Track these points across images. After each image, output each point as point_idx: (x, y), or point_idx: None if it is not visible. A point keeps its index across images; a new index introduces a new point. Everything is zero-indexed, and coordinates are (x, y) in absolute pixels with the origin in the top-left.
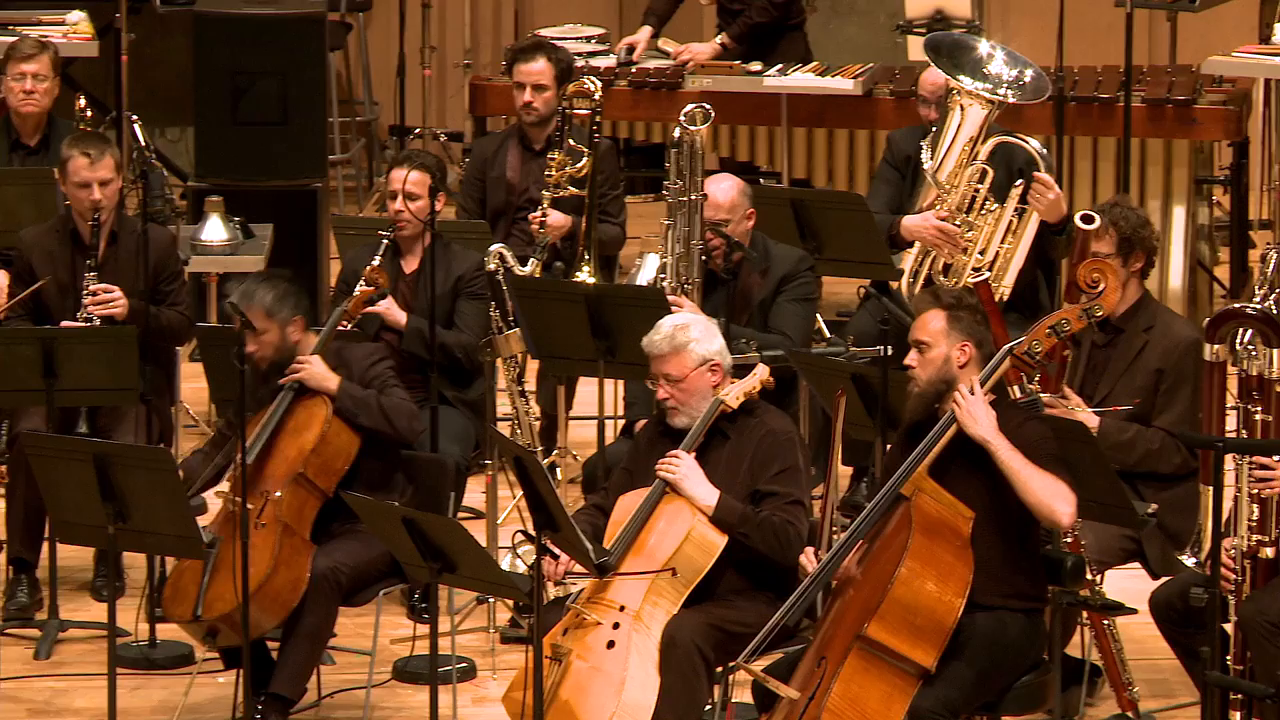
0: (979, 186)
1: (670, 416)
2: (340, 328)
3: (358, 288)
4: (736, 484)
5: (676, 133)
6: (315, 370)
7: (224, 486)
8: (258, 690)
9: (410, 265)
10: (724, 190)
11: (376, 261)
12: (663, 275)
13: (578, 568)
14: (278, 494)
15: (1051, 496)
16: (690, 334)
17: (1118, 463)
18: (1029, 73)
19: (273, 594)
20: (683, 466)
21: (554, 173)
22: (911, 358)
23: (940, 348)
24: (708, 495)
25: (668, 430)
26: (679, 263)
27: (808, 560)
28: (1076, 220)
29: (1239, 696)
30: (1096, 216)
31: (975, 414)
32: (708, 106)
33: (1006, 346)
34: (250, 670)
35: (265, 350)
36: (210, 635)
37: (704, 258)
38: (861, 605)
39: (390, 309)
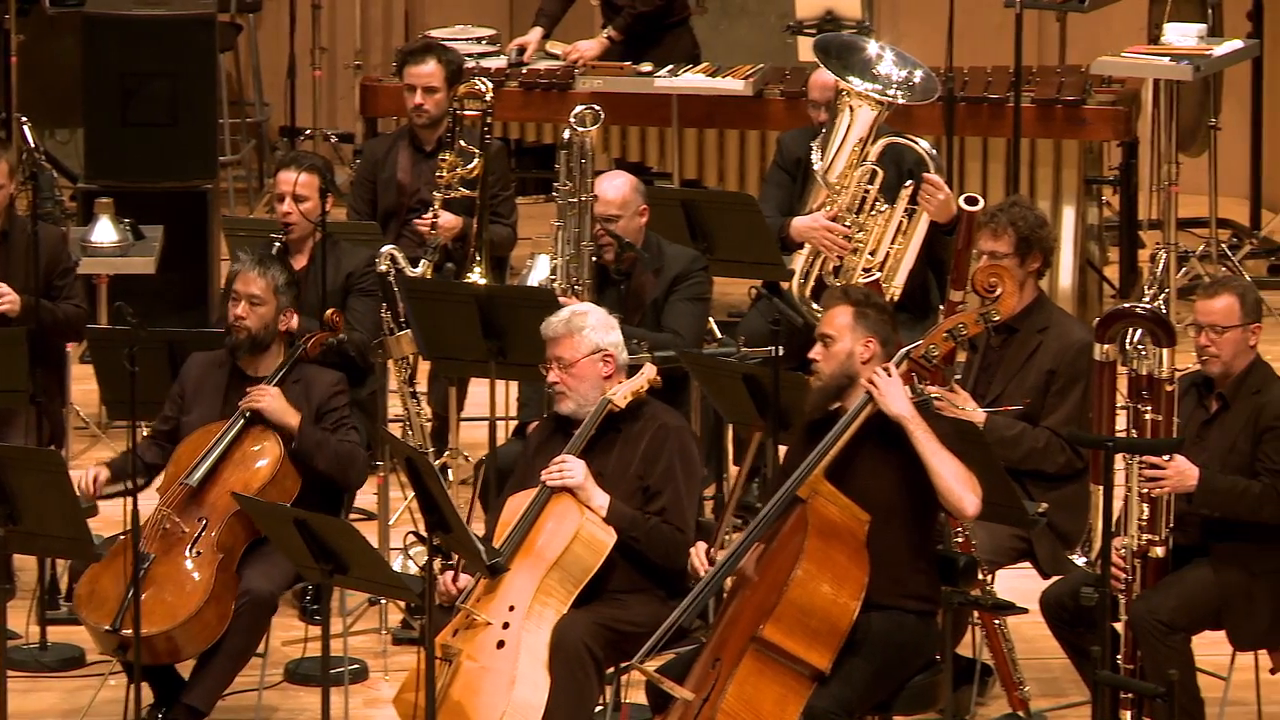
0: (869, 187)
1: (557, 402)
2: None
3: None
4: (627, 480)
5: (566, 134)
6: (277, 405)
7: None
8: (165, 703)
9: (299, 263)
10: (616, 186)
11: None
12: (553, 276)
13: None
14: (214, 533)
15: (963, 484)
16: (588, 320)
17: (1002, 459)
18: (918, 73)
19: (202, 625)
20: (577, 471)
21: (445, 174)
22: (816, 351)
23: (845, 342)
24: (598, 499)
25: (560, 427)
26: (569, 264)
27: (697, 557)
28: (960, 202)
29: (1129, 696)
30: (980, 198)
31: (892, 392)
32: (597, 108)
33: (904, 350)
34: (140, 677)
35: (253, 321)
36: (122, 649)
37: (594, 257)
38: (757, 607)
39: None
